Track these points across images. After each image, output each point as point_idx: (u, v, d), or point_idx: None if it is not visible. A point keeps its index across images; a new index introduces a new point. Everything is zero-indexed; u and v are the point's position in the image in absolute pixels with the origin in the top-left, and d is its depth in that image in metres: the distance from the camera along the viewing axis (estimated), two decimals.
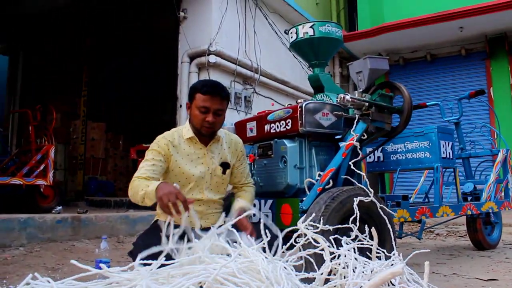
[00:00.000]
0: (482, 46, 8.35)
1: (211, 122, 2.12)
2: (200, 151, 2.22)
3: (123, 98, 10.23)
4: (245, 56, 6.47)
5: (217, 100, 2.12)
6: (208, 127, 2.14)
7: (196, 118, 2.14)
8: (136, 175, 2.07)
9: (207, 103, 2.10)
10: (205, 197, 2.20)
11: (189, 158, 2.19)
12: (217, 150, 2.26)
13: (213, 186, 2.24)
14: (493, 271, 2.76)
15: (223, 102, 2.16)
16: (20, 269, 2.80)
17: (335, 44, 2.84)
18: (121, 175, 8.68)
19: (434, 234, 4.99)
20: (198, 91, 2.13)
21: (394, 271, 1.22)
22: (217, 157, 2.25)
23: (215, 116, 2.13)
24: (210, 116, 2.11)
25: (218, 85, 2.18)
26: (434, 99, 7.93)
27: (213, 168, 2.22)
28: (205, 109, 2.11)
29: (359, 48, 8.87)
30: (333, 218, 2.10)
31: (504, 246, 3.89)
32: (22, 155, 5.54)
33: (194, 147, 2.21)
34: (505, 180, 3.63)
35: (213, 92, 2.11)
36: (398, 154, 3.33)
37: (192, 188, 2.19)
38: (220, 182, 2.26)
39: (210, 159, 2.22)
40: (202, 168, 2.20)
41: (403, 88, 2.53)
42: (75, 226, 3.97)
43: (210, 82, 2.21)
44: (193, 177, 2.18)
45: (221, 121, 2.20)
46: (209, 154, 2.23)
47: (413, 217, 2.75)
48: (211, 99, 2.11)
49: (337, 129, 2.49)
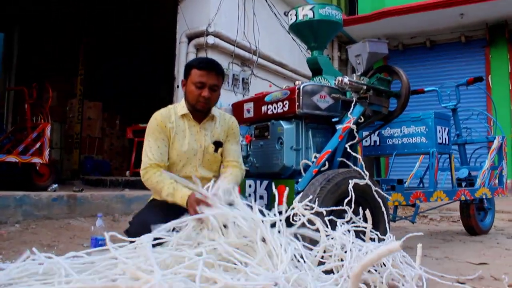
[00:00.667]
0: (482, 34, 8.32)
1: (206, 97, 2.13)
2: (194, 128, 2.23)
3: (121, 78, 10.16)
4: (243, 37, 6.42)
5: (213, 75, 2.14)
6: (203, 103, 2.15)
7: (191, 93, 2.15)
8: (147, 161, 2.11)
9: (203, 78, 2.12)
10: (198, 174, 2.20)
11: (183, 134, 2.20)
12: (210, 128, 2.27)
13: (205, 164, 2.25)
14: (484, 256, 2.80)
15: (219, 78, 2.18)
16: (16, 245, 2.81)
17: (335, 27, 2.82)
18: (117, 155, 8.68)
19: (428, 219, 5.03)
20: (194, 67, 2.14)
21: (391, 248, 1.23)
22: (210, 135, 2.26)
23: (211, 92, 2.14)
24: (206, 91, 2.12)
25: (213, 61, 2.20)
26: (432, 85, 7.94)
27: (206, 146, 2.23)
28: (201, 84, 2.12)
29: (358, 32, 8.82)
30: (328, 200, 2.12)
31: (496, 232, 3.94)
32: (18, 133, 5.51)
33: (188, 123, 2.22)
34: (500, 167, 3.65)
35: (209, 68, 2.13)
36: (394, 139, 3.33)
37: (185, 165, 2.20)
38: (212, 160, 2.27)
39: (203, 136, 2.23)
40: (194, 145, 2.21)
41: (402, 73, 2.53)
42: (71, 204, 3.98)
43: (206, 59, 2.24)
44: (185, 154, 2.19)
45: (216, 97, 2.21)
46: (202, 131, 2.24)
47: (408, 201, 2.77)
48: (207, 74, 2.12)
49: (334, 112, 2.49)
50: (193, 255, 1.51)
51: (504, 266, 2.47)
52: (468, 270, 2.33)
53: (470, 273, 2.22)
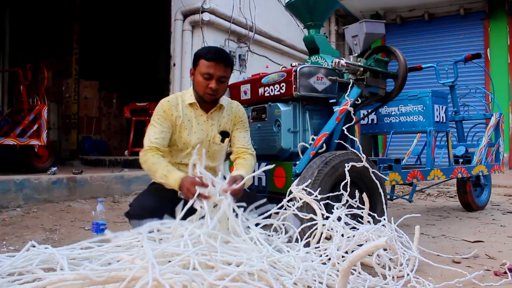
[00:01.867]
0: (482, 6, 8.21)
1: (214, 88, 2.10)
2: (201, 118, 2.21)
3: (116, 56, 10.06)
4: (239, 13, 6.33)
5: (221, 67, 2.10)
6: (211, 94, 2.12)
7: (199, 84, 2.12)
8: (148, 144, 2.09)
9: (211, 70, 2.08)
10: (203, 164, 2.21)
11: (190, 123, 2.19)
12: (217, 117, 2.25)
13: (211, 154, 2.25)
14: (479, 233, 2.85)
15: (227, 69, 2.14)
16: (18, 230, 2.84)
17: (331, 4, 2.78)
18: (115, 134, 8.67)
19: (425, 195, 5.09)
20: (202, 57, 2.10)
21: (378, 244, 1.27)
22: (217, 125, 2.24)
23: (218, 83, 2.11)
24: (213, 82, 2.09)
25: (222, 52, 2.15)
26: (431, 59, 7.91)
27: (212, 136, 2.23)
28: (209, 75, 2.09)
29: (355, 5, 8.69)
30: (326, 183, 2.14)
31: (492, 208, 3.99)
32: (15, 115, 5.49)
33: (195, 113, 2.21)
34: (497, 144, 3.67)
35: (217, 59, 2.09)
36: (391, 117, 3.34)
37: (190, 153, 2.20)
38: (218, 150, 2.27)
39: (210, 126, 2.22)
40: (201, 134, 2.20)
41: (399, 53, 2.51)
42: (71, 186, 4.00)
43: (215, 49, 2.17)
44: (191, 143, 2.19)
45: (224, 88, 2.18)
46: (209, 121, 2.22)
47: (405, 180, 2.80)
48: (215, 66, 2.08)
49: (331, 93, 2.48)
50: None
51: (498, 244, 2.51)
52: (464, 249, 2.37)
53: (466, 252, 2.26)
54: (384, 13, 9.08)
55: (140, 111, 7.25)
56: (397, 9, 8.89)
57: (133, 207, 2.10)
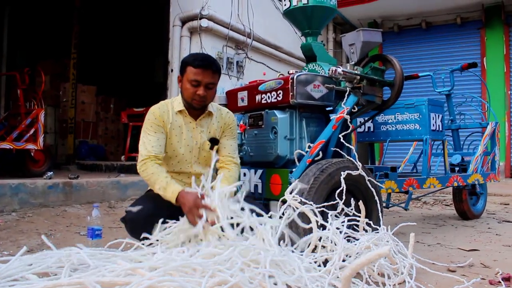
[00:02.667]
0: (478, 15, 8.27)
1: (202, 95, 2.11)
2: (190, 125, 2.22)
3: (114, 61, 10.06)
4: (237, 20, 6.36)
5: (209, 73, 2.10)
6: (199, 101, 2.13)
7: (187, 91, 2.13)
8: (146, 153, 2.08)
9: (199, 77, 2.09)
10: (193, 171, 2.23)
11: (180, 130, 2.20)
12: (206, 124, 2.26)
13: (201, 160, 2.25)
14: (475, 241, 2.85)
15: (215, 76, 2.14)
16: (13, 234, 2.83)
17: (329, 13, 2.79)
18: (112, 139, 8.65)
19: (421, 203, 5.09)
20: (190, 64, 2.11)
21: (381, 252, 1.27)
22: (206, 132, 2.25)
23: (206, 90, 2.12)
24: (201, 89, 2.10)
25: (209, 58, 2.17)
26: (428, 67, 7.95)
27: (201, 143, 2.23)
28: (196, 82, 2.10)
29: (353, 13, 8.75)
30: (322, 190, 2.14)
31: (487, 216, 4.00)
32: (12, 119, 5.48)
33: (184, 120, 2.22)
34: (492, 153, 3.69)
35: (204, 66, 2.09)
36: (388, 125, 3.35)
37: (180, 161, 2.22)
38: (208, 157, 2.26)
39: (199, 133, 2.23)
40: (190, 141, 2.21)
41: (395, 62, 2.52)
42: (67, 191, 3.99)
43: (201, 56, 2.18)
44: (181, 150, 2.20)
45: (212, 94, 2.19)
46: (199, 128, 2.23)
47: (401, 189, 2.80)
48: (202, 73, 2.09)
49: (328, 101, 2.49)
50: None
51: (494, 252, 2.52)
52: (459, 257, 2.38)
53: (461, 260, 2.27)
54: (382, 22, 9.13)
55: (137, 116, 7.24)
56: (394, 17, 8.95)
57: (129, 213, 2.10)
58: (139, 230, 1.99)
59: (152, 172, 2.06)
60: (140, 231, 1.98)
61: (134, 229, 2.06)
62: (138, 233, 2.00)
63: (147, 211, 2.03)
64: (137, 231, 2.02)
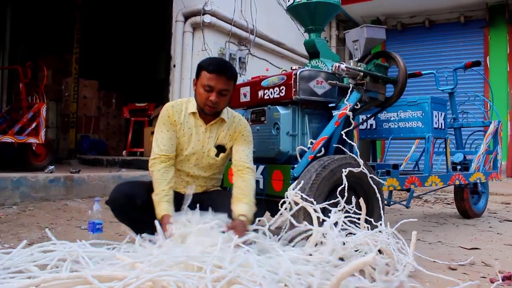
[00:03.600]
0: (482, 14, 8.24)
1: (214, 101, 2.06)
2: (200, 128, 2.19)
3: (116, 56, 10.06)
4: (240, 16, 6.34)
5: (223, 79, 2.05)
6: (211, 107, 2.08)
7: (200, 96, 2.09)
8: (157, 151, 2.10)
9: (212, 82, 2.04)
10: (192, 172, 2.23)
11: (189, 132, 2.18)
12: (216, 131, 2.21)
13: (204, 165, 2.23)
14: (476, 240, 2.85)
15: (229, 82, 2.09)
16: (14, 228, 2.83)
17: (333, 9, 2.78)
18: (113, 134, 8.66)
19: (422, 201, 5.09)
20: (204, 69, 2.06)
21: (366, 260, 1.28)
22: (215, 138, 2.21)
23: (219, 96, 2.07)
24: (213, 95, 2.05)
25: (225, 64, 2.12)
26: (431, 66, 7.92)
27: (208, 149, 2.20)
28: (209, 88, 2.05)
29: (357, 11, 8.73)
30: (324, 187, 2.14)
31: (488, 215, 3.99)
32: (13, 113, 5.48)
33: (195, 123, 2.18)
34: (495, 152, 3.68)
35: (219, 71, 2.04)
36: (390, 123, 3.34)
37: (183, 160, 2.21)
38: (212, 164, 2.24)
39: (207, 138, 2.19)
40: (196, 145, 2.19)
41: (399, 59, 2.51)
42: (68, 185, 4.00)
43: (217, 60, 2.14)
44: (186, 151, 2.19)
45: (225, 101, 2.14)
46: (208, 133, 2.19)
47: (403, 186, 2.80)
48: (216, 78, 2.04)
49: (331, 98, 2.48)
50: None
51: (495, 251, 2.51)
52: (460, 255, 2.37)
53: (462, 258, 2.26)
54: (385, 19, 9.10)
55: (139, 111, 7.25)
56: (398, 15, 8.92)
57: (111, 194, 2.14)
58: (118, 210, 2.11)
59: (156, 178, 2.06)
60: (119, 211, 2.10)
61: (114, 208, 2.12)
62: (119, 214, 2.14)
63: (127, 191, 2.10)
64: (117, 211, 2.13)
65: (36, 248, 1.69)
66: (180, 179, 2.22)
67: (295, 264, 1.61)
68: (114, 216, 2.17)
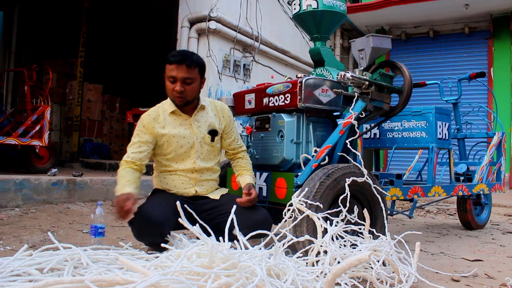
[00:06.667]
0: (486, 25, 8.25)
1: (179, 91, 2.12)
2: (186, 122, 2.24)
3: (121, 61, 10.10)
4: (245, 23, 6.36)
5: (183, 68, 2.09)
6: (178, 97, 2.14)
7: (167, 89, 2.17)
8: (125, 157, 2.16)
9: (173, 72, 2.10)
10: (197, 166, 2.25)
11: (176, 130, 2.21)
12: (203, 118, 2.27)
13: (204, 155, 2.28)
14: (479, 252, 2.83)
15: (191, 70, 2.12)
16: (16, 230, 2.83)
17: (338, 18, 2.79)
18: (116, 138, 8.68)
19: (425, 211, 5.07)
20: (166, 61, 2.12)
21: (361, 258, 1.28)
22: (205, 125, 2.27)
23: (183, 85, 2.12)
24: (177, 85, 2.11)
25: (185, 54, 2.15)
26: (434, 76, 7.93)
27: (202, 137, 2.25)
28: (173, 78, 2.12)
29: (361, 20, 8.74)
30: (327, 195, 2.13)
31: (491, 227, 3.97)
32: (18, 115, 5.50)
33: (179, 119, 2.23)
34: (498, 163, 3.66)
35: (179, 61, 2.09)
36: (394, 132, 3.33)
37: (184, 159, 2.23)
38: (211, 150, 2.30)
39: (197, 128, 2.24)
40: (190, 138, 2.23)
41: (404, 68, 2.52)
42: (70, 189, 4.00)
43: (178, 51, 2.17)
44: (182, 148, 2.21)
45: (192, 89, 2.17)
46: (195, 123, 2.25)
47: (406, 196, 2.79)
48: (176, 68, 2.09)
49: (335, 106, 2.48)
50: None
51: (498, 263, 2.50)
52: (463, 267, 2.36)
53: (465, 270, 2.25)
54: (389, 29, 9.13)
55: None
56: (402, 25, 8.94)
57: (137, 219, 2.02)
58: (146, 237, 2.02)
59: (120, 175, 2.11)
60: (147, 237, 2.01)
61: (141, 234, 2.06)
62: (145, 239, 2.07)
63: (156, 219, 1.99)
64: (144, 237, 2.06)
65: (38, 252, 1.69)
66: (186, 178, 2.24)
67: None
68: (134, 236, 2.09)
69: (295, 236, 1.97)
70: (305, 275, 1.66)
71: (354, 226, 2.08)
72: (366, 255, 1.29)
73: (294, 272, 1.58)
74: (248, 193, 2.17)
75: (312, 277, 1.65)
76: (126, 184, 2.04)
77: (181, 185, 2.26)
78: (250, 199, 2.15)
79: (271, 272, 1.61)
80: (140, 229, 2.03)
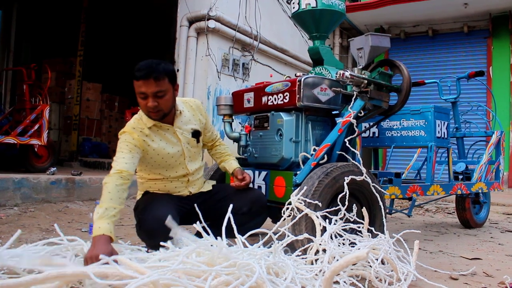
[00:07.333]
0: (485, 24, 8.26)
1: (152, 106, 1.97)
2: (169, 131, 2.16)
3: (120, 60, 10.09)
4: (245, 22, 6.36)
5: (151, 82, 1.94)
6: (153, 112, 2.02)
7: (140, 105, 2.03)
8: (113, 169, 1.96)
9: (142, 88, 1.96)
10: (189, 171, 2.25)
11: (163, 141, 2.15)
12: (183, 123, 2.21)
13: (192, 157, 2.28)
14: (477, 250, 2.84)
15: (160, 83, 1.96)
16: (14, 229, 2.82)
17: (337, 17, 2.79)
18: (115, 137, 8.64)
19: (423, 210, 5.08)
20: (133, 77, 1.97)
21: (359, 255, 1.28)
22: (187, 130, 2.23)
23: (156, 99, 1.98)
24: (150, 100, 1.97)
25: (150, 66, 1.97)
26: (434, 75, 7.95)
27: (188, 142, 2.22)
28: (143, 94, 1.97)
29: (360, 19, 8.75)
30: (326, 194, 2.13)
31: (490, 225, 3.98)
32: (16, 114, 5.50)
33: (161, 130, 2.14)
34: (497, 162, 3.67)
35: (145, 75, 1.94)
36: (393, 131, 3.34)
37: (174, 165, 2.20)
38: (197, 151, 2.31)
39: (181, 134, 2.19)
40: (178, 146, 2.19)
41: (403, 67, 2.52)
42: (69, 187, 4.00)
43: (143, 65, 1.99)
44: (169, 155, 2.16)
45: (166, 101, 2.02)
46: (179, 130, 2.19)
47: (404, 195, 2.79)
48: (144, 84, 1.95)
49: (334, 105, 2.48)
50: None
51: (496, 262, 2.50)
52: (461, 265, 2.36)
53: (463, 268, 2.25)
54: (389, 28, 9.13)
55: None
56: (401, 24, 8.94)
57: (148, 221, 1.99)
58: (158, 238, 1.92)
59: (110, 191, 1.88)
60: (159, 239, 1.94)
61: (153, 236, 1.94)
62: (157, 240, 1.94)
63: (165, 218, 1.86)
64: (156, 239, 1.94)
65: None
66: (179, 182, 2.25)
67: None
68: (142, 240, 2.05)
69: (294, 235, 1.97)
70: (304, 273, 1.67)
71: (353, 224, 2.08)
72: (364, 253, 1.29)
73: (293, 270, 1.58)
74: (243, 178, 2.31)
75: (311, 275, 1.66)
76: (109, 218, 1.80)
77: (175, 189, 2.24)
78: (246, 183, 2.31)
79: (270, 270, 1.61)
80: (152, 231, 1.96)
